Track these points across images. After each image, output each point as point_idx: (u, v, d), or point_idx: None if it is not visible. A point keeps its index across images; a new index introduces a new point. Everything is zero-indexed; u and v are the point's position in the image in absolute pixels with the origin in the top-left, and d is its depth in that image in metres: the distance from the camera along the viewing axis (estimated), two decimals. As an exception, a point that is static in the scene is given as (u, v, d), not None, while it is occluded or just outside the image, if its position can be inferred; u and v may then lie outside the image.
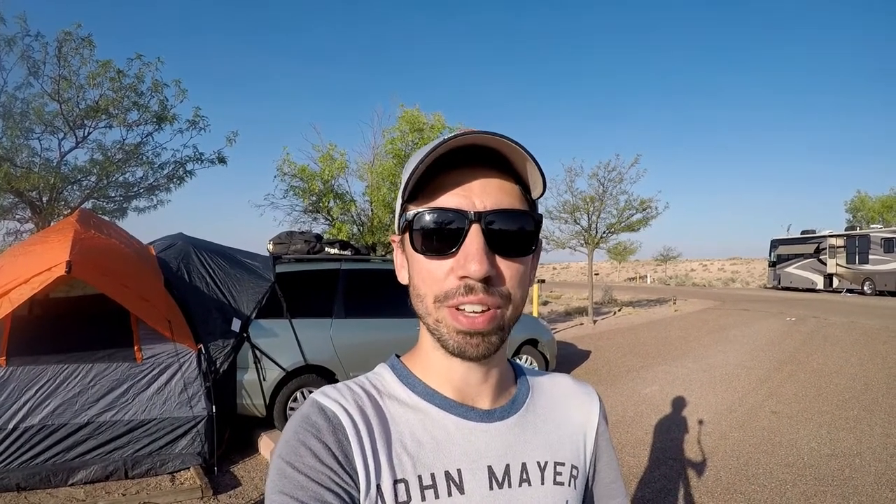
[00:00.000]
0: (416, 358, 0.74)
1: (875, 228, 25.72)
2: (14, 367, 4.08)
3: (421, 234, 0.65)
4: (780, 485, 4.36)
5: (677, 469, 4.71)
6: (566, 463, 0.76)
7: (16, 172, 7.66)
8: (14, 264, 4.08)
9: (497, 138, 0.63)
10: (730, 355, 10.08)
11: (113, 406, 4.26)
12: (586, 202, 14.88)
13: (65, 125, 8.31)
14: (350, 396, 0.68)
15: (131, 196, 9.75)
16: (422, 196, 0.66)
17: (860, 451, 5.02)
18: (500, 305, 0.64)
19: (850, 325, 13.63)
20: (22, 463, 3.98)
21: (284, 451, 0.62)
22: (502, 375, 0.76)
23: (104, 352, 4.37)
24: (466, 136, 0.62)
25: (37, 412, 4.05)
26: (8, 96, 7.82)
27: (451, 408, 0.70)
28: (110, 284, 4.16)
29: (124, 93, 8.44)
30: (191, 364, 4.54)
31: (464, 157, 0.65)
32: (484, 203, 0.64)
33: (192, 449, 4.44)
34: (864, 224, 30.45)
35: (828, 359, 9.50)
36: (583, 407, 0.84)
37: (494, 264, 0.64)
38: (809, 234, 28.39)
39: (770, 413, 6.33)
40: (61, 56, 7.87)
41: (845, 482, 4.37)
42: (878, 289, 23.64)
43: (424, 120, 11.42)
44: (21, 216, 9.09)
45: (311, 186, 11.07)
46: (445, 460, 0.67)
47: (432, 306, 0.65)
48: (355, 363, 5.68)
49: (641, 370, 8.88)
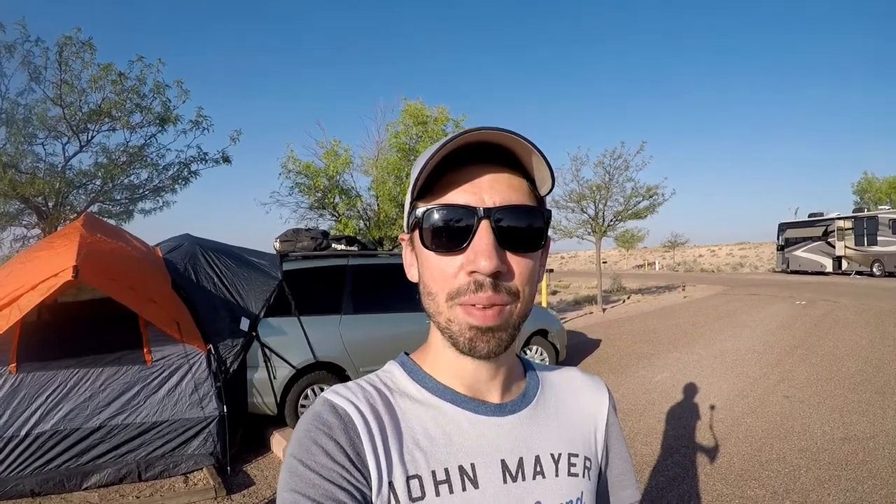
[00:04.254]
0: (426, 355, 0.75)
1: (883, 209, 25.56)
2: (25, 374, 4.09)
3: (431, 230, 0.65)
4: (793, 470, 4.34)
5: (690, 456, 4.69)
6: (580, 454, 0.77)
7: (21, 179, 7.67)
8: (22, 270, 4.09)
9: (506, 134, 0.63)
10: (740, 340, 10.04)
11: (124, 409, 4.27)
12: (592, 191, 14.83)
13: (68, 129, 8.30)
14: (361, 394, 0.69)
15: (137, 198, 9.76)
16: (431, 193, 0.67)
17: (874, 435, 4.99)
18: (509, 302, 0.64)
19: (861, 308, 13.56)
20: (36, 469, 3.99)
21: (296, 449, 0.63)
22: (512, 371, 0.76)
23: (114, 355, 4.38)
24: (475, 132, 0.62)
25: (49, 418, 4.06)
26: (10, 102, 7.82)
27: (462, 403, 0.71)
28: (118, 288, 4.16)
29: (126, 95, 8.42)
30: (201, 365, 4.55)
31: (472, 153, 0.65)
32: (493, 199, 0.64)
33: (204, 449, 4.45)
34: (871, 205, 30.27)
35: (839, 342, 9.45)
36: (593, 399, 0.85)
37: (504, 260, 0.64)
38: (817, 217, 28.25)
39: (782, 398, 6.30)
40: (62, 60, 7.85)
41: (859, 466, 4.35)
42: (888, 270, 23.53)
43: (428, 113, 11.36)
44: (27, 222, 9.11)
45: (316, 183, 11.06)
46: (459, 455, 0.67)
47: (444, 304, 0.65)
48: (365, 359, 5.69)
49: (652, 358, 8.85)
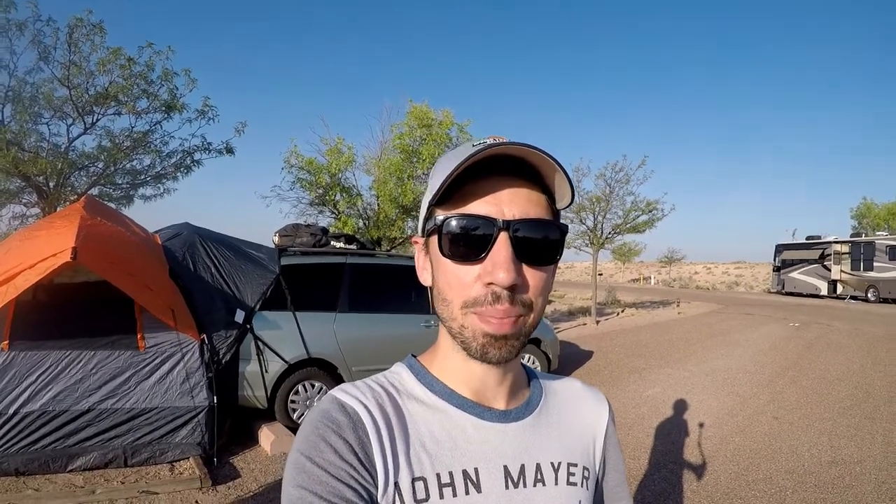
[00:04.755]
0: (434, 358, 0.76)
1: (880, 235, 25.60)
2: (16, 352, 4.08)
3: (449, 238, 0.66)
4: (779, 491, 4.35)
5: (677, 472, 4.70)
6: (578, 464, 0.78)
7: (23, 157, 7.68)
8: (20, 249, 4.08)
9: (531, 151, 0.64)
10: (732, 359, 10.05)
11: (114, 394, 4.26)
12: (592, 202, 14.83)
13: (74, 111, 8.30)
14: (370, 394, 0.69)
15: (138, 184, 9.78)
16: (450, 201, 0.67)
17: (861, 459, 5.00)
18: (524, 314, 0.66)
19: (854, 332, 13.59)
20: (21, 448, 3.99)
21: (304, 445, 0.63)
22: (517, 378, 0.77)
23: (107, 339, 4.38)
24: (503, 146, 0.63)
25: (38, 398, 4.06)
26: (18, 80, 7.83)
27: (468, 408, 0.72)
28: (115, 272, 4.16)
29: (134, 80, 8.43)
30: (193, 354, 4.55)
31: (493, 165, 0.66)
32: (512, 212, 0.65)
33: (192, 439, 4.44)
34: (869, 231, 30.37)
35: (830, 365, 9.47)
36: (593, 410, 0.86)
37: (521, 272, 0.65)
38: (814, 240, 28.28)
39: (771, 418, 6.31)
40: (72, 42, 7.86)
41: (845, 490, 4.36)
42: (883, 296, 23.55)
43: (433, 116, 11.35)
44: (27, 201, 9.11)
45: (318, 179, 11.05)
46: (463, 459, 0.68)
47: (458, 311, 0.66)
48: (358, 357, 5.70)
49: (643, 372, 8.86)
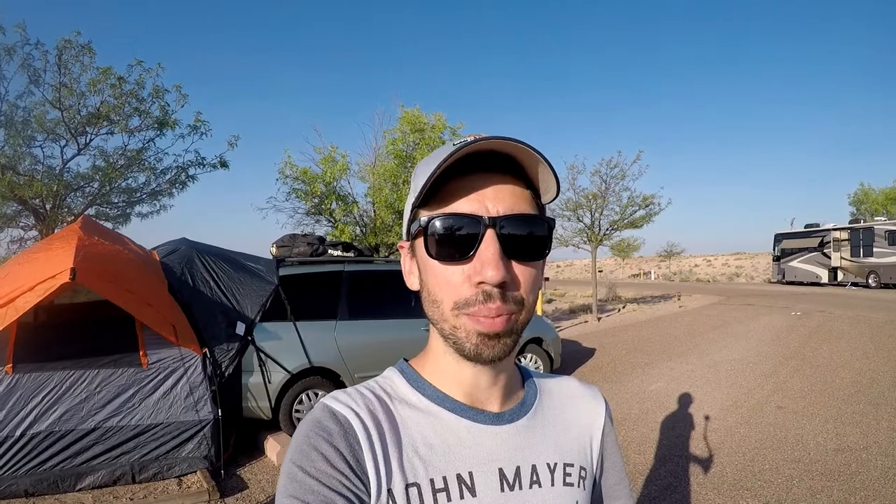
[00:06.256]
0: (426, 362, 0.75)
1: (879, 221, 25.57)
2: (21, 375, 4.09)
3: (435, 239, 0.64)
4: (786, 480, 4.36)
5: (683, 465, 4.70)
6: (575, 464, 0.77)
7: (19, 181, 7.68)
8: (19, 272, 4.10)
9: (512, 143, 0.63)
10: (735, 351, 10.06)
11: (119, 411, 4.28)
12: (589, 199, 14.87)
13: (66, 132, 8.31)
14: (361, 401, 0.68)
15: (134, 202, 9.77)
16: (434, 202, 0.66)
17: (867, 446, 5.01)
18: (515, 311, 0.65)
19: (856, 319, 13.59)
20: (30, 469, 4.00)
21: (296, 455, 0.62)
22: (511, 379, 0.76)
23: (109, 357, 4.39)
24: (483, 141, 0.62)
25: (44, 419, 4.07)
26: (9, 105, 7.84)
27: (461, 411, 0.71)
28: (115, 290, 4.18)
29: (125, 99, 8.44)
30: (196, 368, 4.56)
31: (474, 162, 0.65)
32: (497, 208, 0.64)
33: (198, 452, 4.45)
34: (867, 216, 30.33)
35: (833, 353, 9.48)
36: (589, 408, 0.85)
37: (510, 269, 0.64)
38: (813, 228, 28.31)
39: (776, 408, 6.32)
40: (62, 64, 7.88)
41: (852, 477, 4.37)
42: (884, 282, 23.57)
43: (425, 120, 11.40)
44: (25, 224, 9.11)
45: (313, 189, 11.06)
46: (457, 463, 0.67)
47: (449, 313, 0.65)
48: (360, 364, 5.70)
49: (646, 367, 8.87)
